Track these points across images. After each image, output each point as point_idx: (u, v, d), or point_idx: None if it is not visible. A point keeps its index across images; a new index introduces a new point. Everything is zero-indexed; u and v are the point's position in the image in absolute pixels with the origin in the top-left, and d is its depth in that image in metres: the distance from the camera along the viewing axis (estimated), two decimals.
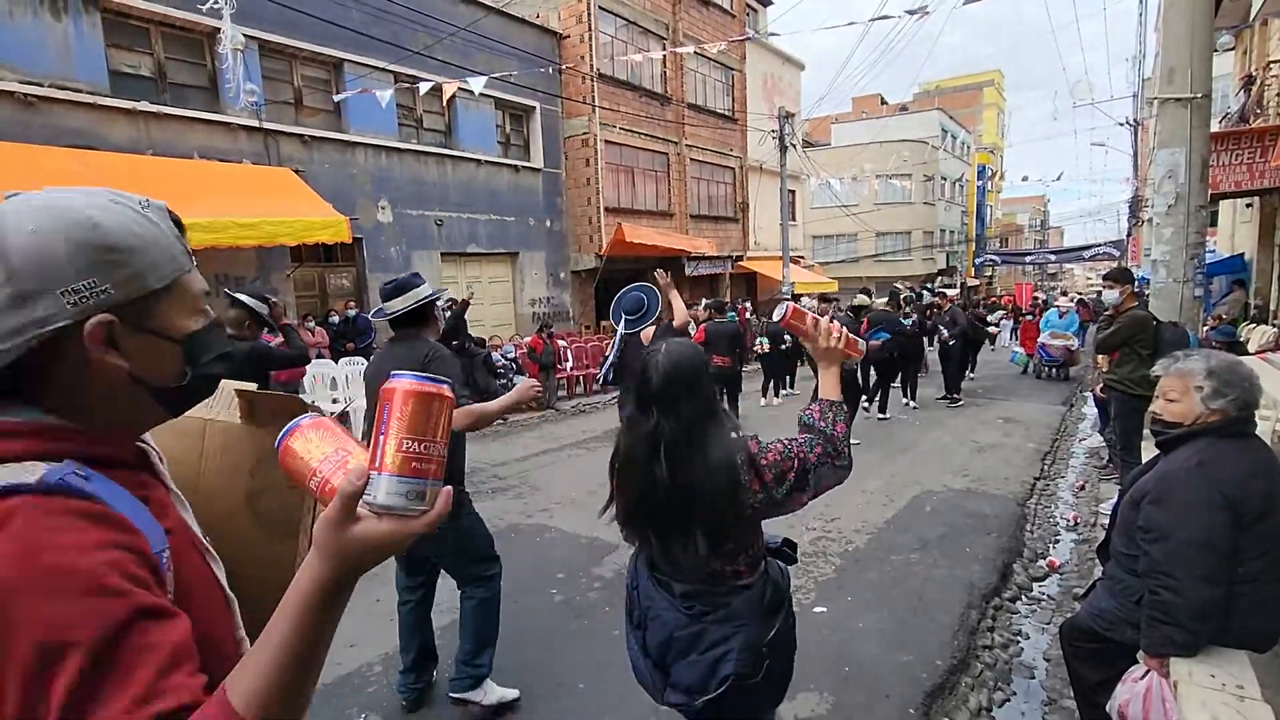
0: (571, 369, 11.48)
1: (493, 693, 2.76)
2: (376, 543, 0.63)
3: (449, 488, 0.68)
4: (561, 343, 11.50)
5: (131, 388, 0.73)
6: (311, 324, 9.19)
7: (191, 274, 0.79)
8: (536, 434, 8.75)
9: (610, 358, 4.68)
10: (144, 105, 8.37)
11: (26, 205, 0.69)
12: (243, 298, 3.78)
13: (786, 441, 1.60)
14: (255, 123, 9.37)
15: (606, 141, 14.56)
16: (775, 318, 1.68)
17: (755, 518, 1.63)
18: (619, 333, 4.68)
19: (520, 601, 3.78)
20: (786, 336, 9.62)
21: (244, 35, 8.30)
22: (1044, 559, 4.37)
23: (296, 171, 9.67)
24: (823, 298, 11.63)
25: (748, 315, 15.83)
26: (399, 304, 2.61)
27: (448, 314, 6.94)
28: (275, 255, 9.54)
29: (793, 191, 21.32)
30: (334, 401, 7.68)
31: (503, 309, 13.60)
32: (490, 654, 2.79)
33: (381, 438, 0.64)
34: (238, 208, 8.01)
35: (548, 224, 14.25)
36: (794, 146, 18.60)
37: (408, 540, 0.65)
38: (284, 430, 0.71)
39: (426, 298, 2.65)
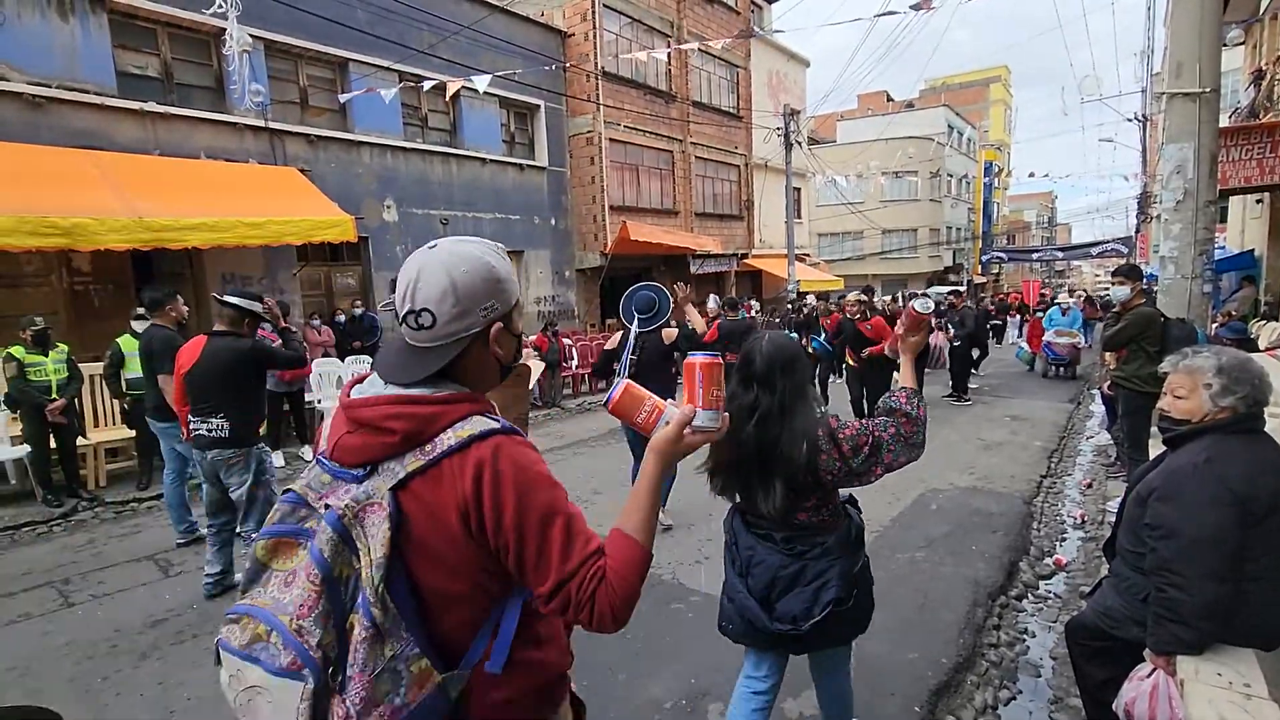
0: (577, 367, 11.49)
1: None
2: (693, 447, 1.16)
3: (727, 413, 1.19)
4: (566, 341, 11.51)
5: (496, 366, 1.17)
6: (317, 323, 9.22)
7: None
8: (542, 431, 8.76)
9: (625, 356, 4.65)
10: (151, 106, 8.41)
11: (450, 255, 1.08)
12: (231, 299, 3.79)
13: (863, 422, 1.93)
14: (261, 123, 9.40)
15: (611, 140, 14.55)
16: (921, 309, 1.97)
17: (834, 484, 1.98)
18: (633, 331, 4.68)
19: None
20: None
21: (250, 35, 8.32)
22: (1050, 557, 4.35)
23: (302, 171, 9.70)
24: (823, 296, 11.61)
25: (754, 312, 15.82)
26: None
27: None
28: (282, 254, 9.57)
29: (798, 189, 21.27)
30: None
31: None
32: None
33: (698, 389, 1.16)
34: (244, 207, 8.04)
35: (553, 222, 14.26)
36: (799, 144, 18.56)
37: (705, 443, 1.20)
38: (614, 388, 1.20)
39: None
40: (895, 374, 7.25)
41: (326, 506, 1.02)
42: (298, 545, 1.03)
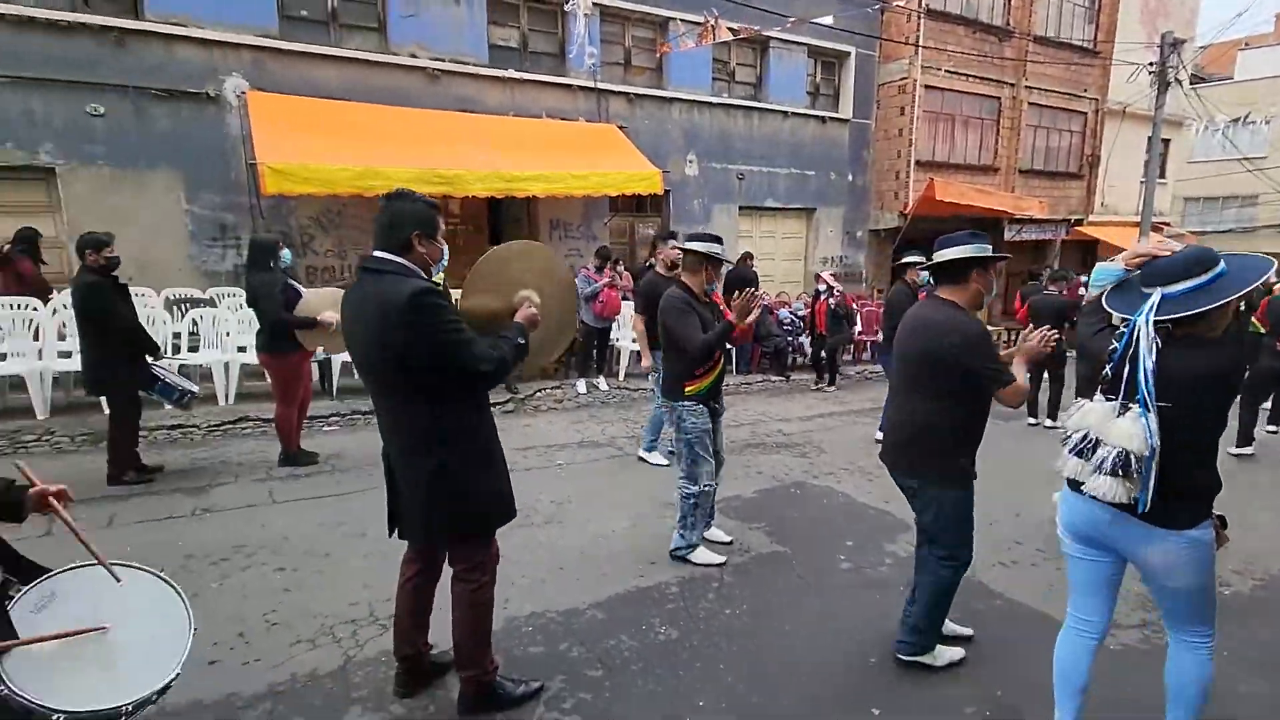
0: (860, 333, 10.91)
1: (942, 655, 2.77)
2: None
3: None
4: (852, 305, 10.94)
5: None
6: (621, 268, 10.10)
7: None
8: (821, 396, 8.56)
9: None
10: (511, 73, 9.81)
11: None
12: (695, 245, 3.57)
13: None
14: (591, 83, 10.38)
15: (927, 87, 13.14)
16: None
17: None
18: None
19: (806, 560, 3.78)
20: None
21: (592, 1, 9.16)
22: None
23: (620, 128, 10.55)
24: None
25: (1081, 290, 13.30)
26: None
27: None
28: (597, 205, 10.62)
29: (1166, 140, 17.04)
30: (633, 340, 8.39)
31: (793, 266, 13.41)
32: (932, 633, 2.77)
33: None
34: (572, 161, 9.08)
35: (849, 179, 13.51)
36: (1178, 82, 14.72)
37: None
38: None
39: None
40: None
41: None
42: None
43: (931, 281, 2.80)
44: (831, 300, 8.88)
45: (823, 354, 9.20)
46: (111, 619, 1.58)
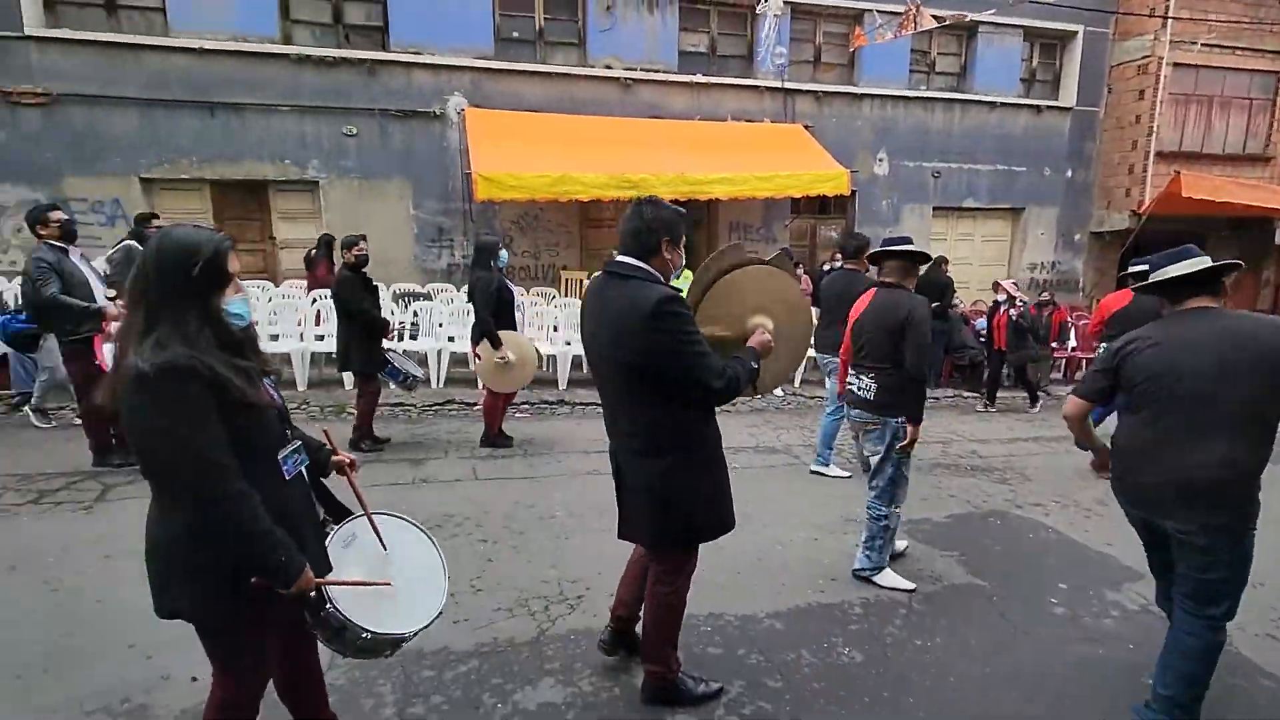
0: (1075, 349, 9.65)
1: None
2: None
3: None
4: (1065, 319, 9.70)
5: None
6: (801, 271, 9.85)
7: None
8: (1021, 417, 7.70)
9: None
10: (698, 77, 9.97)
11: None
12: (903, 248, 3.44)
13: None
14: (778, 84, 10.23)
15: (1176, 64, 11.25)
16: None
17: None
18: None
19: (1008, 599, 3.42)
20: None
21: (783, 1, 9.02)
22: None
23: (806, 127, 10.28)
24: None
25: None
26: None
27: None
28: (778, 206, 10.46)
29: None
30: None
31: (994, 272, 12.17)
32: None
33: None
34: (756, 163, 9.02)
35: (1067, 174, 11.98)
36: None
37: None
38: None
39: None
40: None
41: None
42: None
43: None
44: (1013, 311, 7.91)
45: (1006, 372, 8.26)
46: (396, 565, 1.93)
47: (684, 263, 2.38)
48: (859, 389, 3.40)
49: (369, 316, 5.19)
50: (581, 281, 9.45)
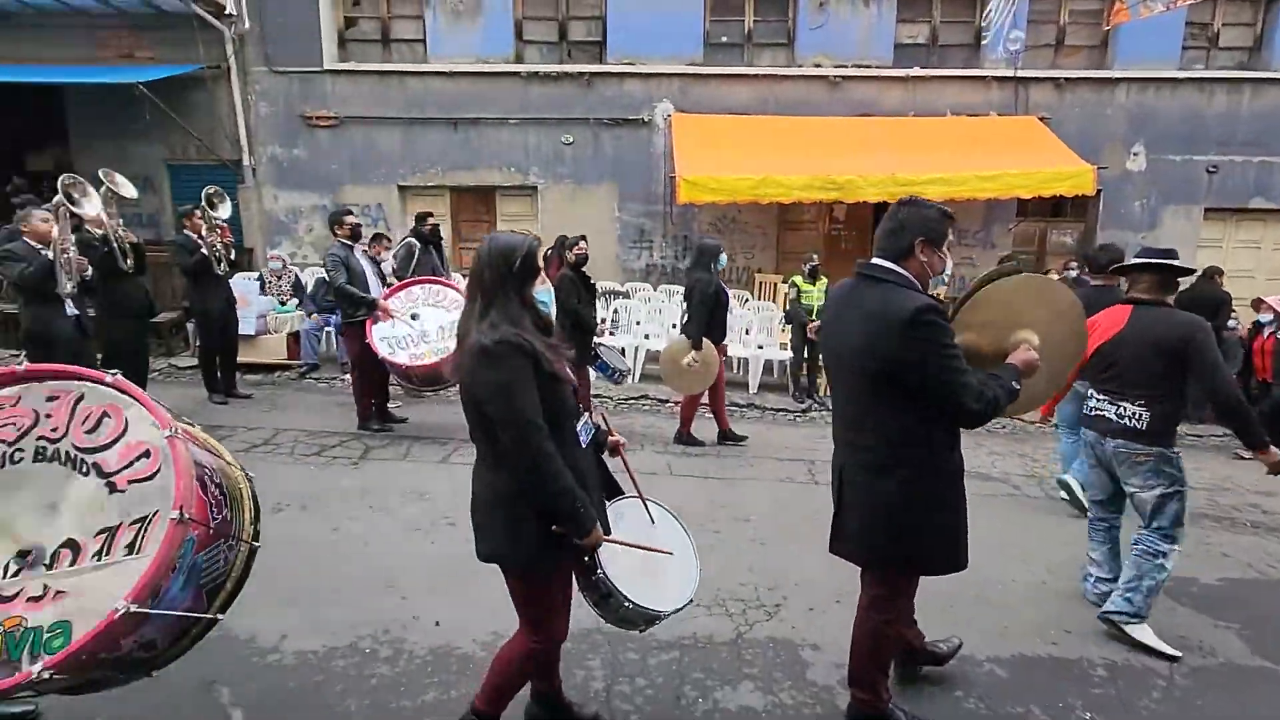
0: None
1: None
2: None
3: None
4: None
5: None
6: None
7: None
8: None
9: None
10: (914, 71, 9.33)
11: None
12: (1159, 260, 3.05)
13: None
14: (1010, 72, 9.22)
15: None
16: None
17: None
18: None
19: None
20: None
21: None
22: None
23: (1042, 119, 9.17)
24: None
25: None
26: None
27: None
28: (999, 208, 9.45)
29: None
30: None
31: None
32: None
33: None
34: (978, 161, 8.20)
35: None
36: None
37: None
38: None
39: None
40: None
41: None
42: None
43: None
44: None
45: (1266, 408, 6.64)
46: (667, 545, 2.14)
47: (949, 268, 2.22)
48: (1121, 416, 2.96)
49: (578, 315, 5.57)
50: (776, 285, 9.31)
